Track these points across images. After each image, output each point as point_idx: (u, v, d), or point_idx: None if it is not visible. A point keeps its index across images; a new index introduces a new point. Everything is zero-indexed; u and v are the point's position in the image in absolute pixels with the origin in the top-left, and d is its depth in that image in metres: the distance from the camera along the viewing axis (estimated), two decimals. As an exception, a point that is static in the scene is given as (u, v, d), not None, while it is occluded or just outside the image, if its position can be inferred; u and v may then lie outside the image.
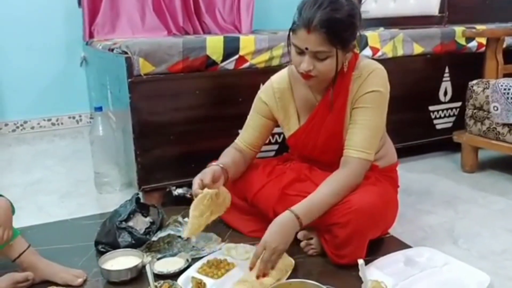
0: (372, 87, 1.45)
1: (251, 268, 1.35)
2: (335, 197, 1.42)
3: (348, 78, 1.47)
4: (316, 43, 1.34)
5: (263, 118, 1.64)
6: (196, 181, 1.45)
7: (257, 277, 1.32)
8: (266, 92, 1.63)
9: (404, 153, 2.32)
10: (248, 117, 1.68)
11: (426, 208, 1.95)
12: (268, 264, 1.33)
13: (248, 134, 1.65)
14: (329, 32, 1.32)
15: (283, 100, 1.60)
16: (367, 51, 2.26)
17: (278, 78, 1.62)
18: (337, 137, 1.51)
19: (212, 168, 1.50)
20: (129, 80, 1.85)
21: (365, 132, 1.45)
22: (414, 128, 2.49)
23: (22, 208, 2.02)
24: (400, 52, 2.36)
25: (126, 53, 1.89)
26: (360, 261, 1.28)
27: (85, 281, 1.43)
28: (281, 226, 1.36)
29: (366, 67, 1.48)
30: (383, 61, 2.27)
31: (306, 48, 1.36)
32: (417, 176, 2.33)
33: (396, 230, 1.68)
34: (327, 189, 1.43)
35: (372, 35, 2.29)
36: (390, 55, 2.34)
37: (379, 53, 2.31)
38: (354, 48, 1.43)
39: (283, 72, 1.62)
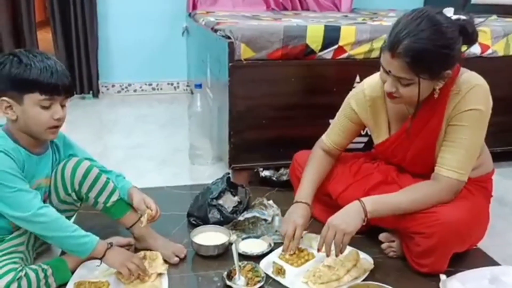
0: (471, 105, 1.36)
1: (319, 250, 1.42)
2: (413, 206, 1.40)
3: (445, 95, 1.39)
4: (398, 69, 1.29)
5: (351, 123, 1.61)
6: (291, 224, 1.51)
7: (318, 250, 1.41)
8: (357, 98, 1.58)
9: (503, 158, 2.19)
10: (337, 115, 1.66)
11: (520, 222, 1.86)
12: (332, 243, 1.37)
13: (335, 135, 1.65)
14: (412, 62, 1.26)
15: (374, 108, 1.55)
16: (476, 48, 2.12)
17: (371, 85, 1.55)
18: (429, 153, 1.46)
19: (304, 215, 1.54)
20: (230, 64, 1.94)
21: (460, 152, 1.38)
22: (517, 132, 2.32)
23: (124, 171, 2.21)
24: (513, 51, 2.19)
25: (229, 37, 1.96)
26: (443, 277, 1.27)
27: (183, 259, 1.53)
28: (345, 209, 1.42)
29: (466, 82, 1.38)
30: (492, 59, 2.16)
31: (390, 71, 1.32)
32: (514, 184, 2.19)
33: (484, 243, 1.61)
34: (408, 195, 1.42)
35: (484, 32, 2.14)
36: (501, 53, 2.17)
37: (489, 51, 2.16)
38: (448, 76, 1.34)
39: (377, 79, 1.51)
